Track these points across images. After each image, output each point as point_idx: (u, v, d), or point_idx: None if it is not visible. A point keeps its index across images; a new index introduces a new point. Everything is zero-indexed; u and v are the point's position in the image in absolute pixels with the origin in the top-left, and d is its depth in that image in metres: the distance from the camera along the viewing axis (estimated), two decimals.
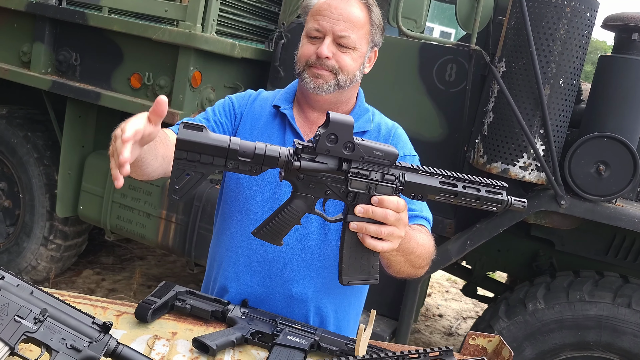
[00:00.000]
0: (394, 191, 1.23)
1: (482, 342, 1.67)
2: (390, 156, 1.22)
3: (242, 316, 1.54)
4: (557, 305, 2.77)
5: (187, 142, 1.13)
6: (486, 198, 1.24)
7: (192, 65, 3.27)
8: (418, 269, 1.52)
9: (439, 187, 1.24)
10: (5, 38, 3.92)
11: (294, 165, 1.18)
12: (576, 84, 2.70)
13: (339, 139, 1.18)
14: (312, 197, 1.23)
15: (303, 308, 1.63)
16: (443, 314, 5.52)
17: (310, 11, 1.57)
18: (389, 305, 3.24)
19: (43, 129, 4.13)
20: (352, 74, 1.57)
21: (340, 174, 1.21)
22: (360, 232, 1.23)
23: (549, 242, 3.27)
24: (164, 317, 1.54)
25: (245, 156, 1.16)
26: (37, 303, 1.18)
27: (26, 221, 4.11)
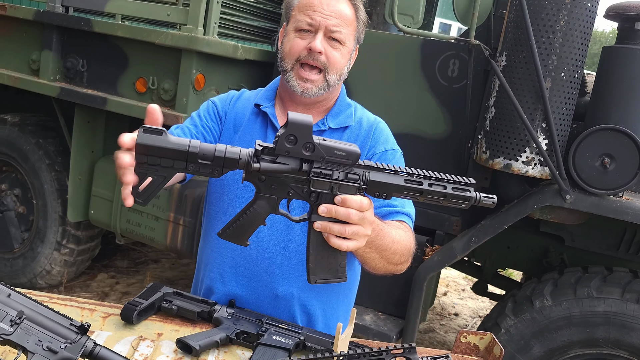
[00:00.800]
0: (357, 190, 1.22)
1: (473, 339, 1.65)
2: (352, 155, 1.20)
3: (229, 316, 1.54)
4: (565, 302, 2.72)
5: (147, 147, 1.14)
6: (453, 195, 1.23)
7: (194, 68, 3.29)
8: (396, 266, 1.50)
9: (403, 186, 1.22)
10: (15, 47, 3.99)
11: (253, 167, 1.17)
12: (579, 76, 2.65)
13: (299, 139, 1.17)
14: (275, 198, 1.24)
15: (289, 307, 1.62)
16: (459, 312, 5.46)
17: (296, 6, 1.57)
18: (396, 304, 3.21)
19: (54, 136, 4.19)
20: (340, 71, 1.58)
21: (302, 174, 1.20)
22: (324, 232, 1.23)
23: (559, 238, 3.21)
24: (150, 319, 1.54)
25: (205, 159, 1.17)
26: (14, 306, 1.19)
27: (40, 226, 4.17)
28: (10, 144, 4.18)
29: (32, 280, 4.25)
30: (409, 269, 3.09)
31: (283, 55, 1.57)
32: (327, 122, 1.62)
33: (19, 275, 4.28)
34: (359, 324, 3.13)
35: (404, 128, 3.19)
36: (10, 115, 4.27)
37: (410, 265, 3.14)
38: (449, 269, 6.21)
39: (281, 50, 1.59)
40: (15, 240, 4.31)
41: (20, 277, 4.28)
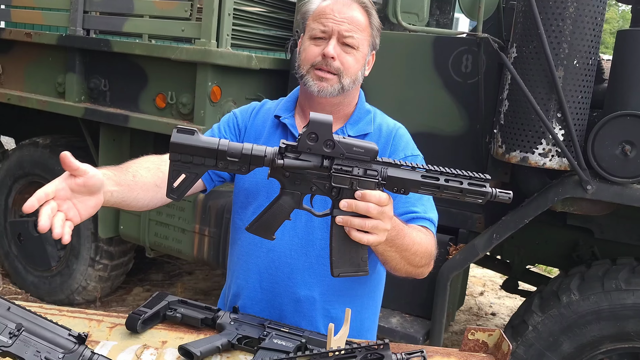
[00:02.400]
0: (376, 186, 1.26)
1: (482, 336, 1.62)
2: (370, 152, 1.25)
3: (232, 322, 1.55)
4: (593, 296, 2.64)
5: (180, 145, 1.23)
6: (469, 190, 1.25)
7: (210, 80, 3.34)
8: (417, 268, 1.52)
9: (420, 181, 1.26)
10: (43, 72, 4.14)
11: (277, 163, 1.24)
12: (593, 63, 2.58)
13: (319, 137, 1.23)
14: (299, 194, 1.30)
15: (311, 311, 1.64)
16: (496, 312, 5.36)
17: (311, 15, 1.60)
18: (422, 305, 3.18)
19: (83, 155, 4.31)
20: (354, 75, 1.59)
21: (323, 170, 1.26)
22: (346, 226, 1.27)
23: (588, 231, 3.12)
24: (156, 327, 1.57)
25: (233, 156, 1.25)
26: (13, 318, 1.23)
27: (74, 244, 4.29)
28: (43, 165, 4.33)
29: (69, 296, 4.38)
30: (434, 268, 3.08)
31: (299, 63, 1.60)
32: (347, 129, 1.63)
33: (57, 292, 4.41)
34: (385, 327, 3.11)
35: (419, 127, 3.16)
36: (41, 138, 4.42)
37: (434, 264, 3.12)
38: (485, 268, 6.13)
39: (298, 58, 1.62)
40: (52, 259, 4.44)
41: (59, 294, 4.41)
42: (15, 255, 4.59)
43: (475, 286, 5.94)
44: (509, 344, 1.54)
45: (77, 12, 3.83)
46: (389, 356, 1.01)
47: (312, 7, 1.60)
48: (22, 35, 4.11)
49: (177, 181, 1.27)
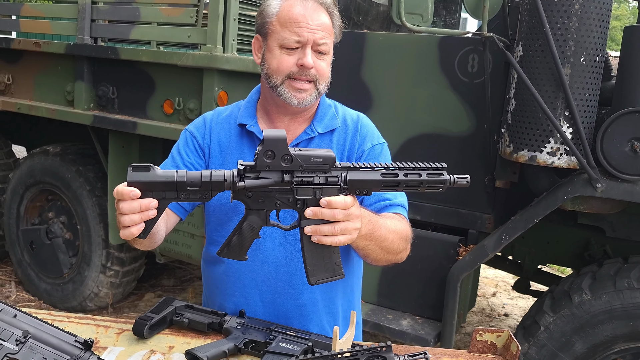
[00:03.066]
0: (339, 191, 1.29)
1: (490, 337, 1.61)
2: (328, 160, 1.28)
3: (238, 326, 1.56)
4: (605, 295, 2.61)
5: (138, 184, 1.25)
6: (428, 181, 1.29)
7: (216, 85, 3.35)
8: (396, 255, 1.55)
9: (381, 180, 1.29)
10: (52, 80, 4.17)
11: (238, 185, 1.25)
12: (600, 60, 2.56)
13: (276, 154, 1.25)
14: (265, 211, 1.32)
15: (316, 312, 1.65)
16: (509, 313, 5.32)
17: (276, 20, 1.54)
18: (433, 307, 3.16)
19: (93, 162, 4.34)
20: (327, 79, 1.60)
21: (285, 184, 1.28)
22: (315, 235, 1.29)
23: (599, 230, 3.09)
24: (163, 332, 1.58)
25: (193, 185, 1.26)
26: (19, 325, 1.24)
27: (85, 251, 4.32)
28: (54, 173, 4.36)
29: (82, 303, 4.40)
30: (443, 269, 3.06)
31: (270, 72, 1.55)
32: (315, 128, 1.63)
33: (69, 299, 4.44)
34: (396, 329, 3.10)
35: (427, 128, 3.16)
36: (52, 146, 4.45)
37: (444, 266, 3.11)
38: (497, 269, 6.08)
39: (265, 65, 1.57)
40: (64, 266, 4.47)
41: (71, 301, 4.44)
42: (28, 263, 4.63)
43: (487, 287, 5.90)
44: (517, 344, 1.52)
45: (84, 21, 3.86)
46: (391, 358, 1.01)
47: (274, 10, 1.55)
48: (31, 44, 4.15)
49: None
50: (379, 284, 3.30)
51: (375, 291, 3.30)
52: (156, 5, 3.68)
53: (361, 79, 3.24)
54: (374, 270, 3.27)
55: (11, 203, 4.65)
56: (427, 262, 3.17)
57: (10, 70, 4.40)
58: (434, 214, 3.22)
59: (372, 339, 4.35)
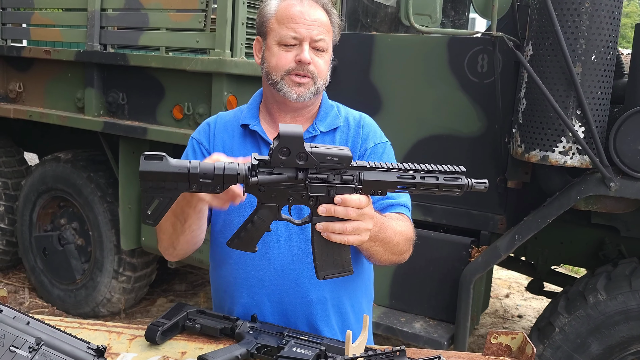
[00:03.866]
0: (353, 191, 1.27)
1: (505, 340, 1.59)
2: (344, 159, 1.25)
3: (250, 331, 1.55)
4: (620, 295, 2.58)
5: (150, 173, 1.22)
6: (445, 185, 1.26)
7: (225, 90, 3.36)
8: (400, 256, 1.55)
9: (397, 181, 1.27)
10: (62, 88, 4.20)
11: (251, 180, 1.23)
12: (612, 58, 2.53)
13: (292, 150, 1.22)
14: (277, 206, 1.29)
15: (324, 310, 1.64)
16: (523, 314, 5.28)
17: (274, 19, 1.56)
18: (446, 309, 3.14)
19: (104, 169, 4.36)
20: (326, 77, 1.61)
21: (299, 182, 1.25)
22: (326, 232, 1.28)
23: (613, 229, 3.06)
24: (175, 338, 1.57)
25: (206, 177, 1.24)
26: (32, 333, 1.23)
27: (97, 257, 4.34)
28: (65, 180, 4.38)
29: (94, 309, 4.42)
30: (456, 271, 3.04)
31: (269, 70, 1.57)
32: (317, 126, 1.64)
33: (82, 305, 4.46)
34: (409, 332, 3.08)
35: (437, 130, 3.14)
36: (63, 153, 4.48)
37: (457, 268, 3.08)
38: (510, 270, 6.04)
39: (265, 64, 1.59)
40: (76, 272, 4.49)
41: (84, 307, 4.45)
42: (40, 270, 4.65)
43: (500, 288, 5.86)
44: (532, 347, 1.50)
45: (93, 28, 3.88)
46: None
47: (272, 9, 1.57)
48: (41, 52, 4.18)
49: (151, 207, 1.27)
50: (392, 287, 3.28)
51: (388, 294, 3.29)
52: (164, 11, 3.69)
53: (370, 82, 3.24)
54: (386, 272, 3.26)
55: (24, 210, 4.68)
56: (440, 264, 3.16)
57: (21, 79, 4.44)
58: (445, 216, 3.20)
59: (385, 342, 4.34)
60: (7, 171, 5.03)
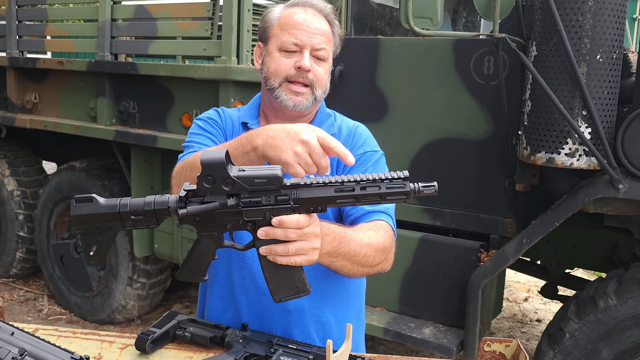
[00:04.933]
0: (290, 210, 1.20)
1: (498, 347, 1.56)
2: (273, 180, 1.18)
3: (240, 339, 1.54)
4: (631, 300, 2.51)
5: (81, 217, 1.23)
6: (389, 194, 1.18)
7: (232, 97, 3.38)
8: (373, 267, 1.47)
9: (335, 196, 1.19)
10: (75, 97, 4.28)
11: (180, 213, 1.20)
12: (618, 57, 2.48)
13: (216, 178, 1.17)
14: (216, 234, 1.25)
15: (302, 320, 1.62)
16: (542, 318, 5.19)
17: (276, 25, 1.58)
18: (455, 314, 3.10)
19: (118, 177, 4.42)
20: (325, 86, 1.61)
21: (232, 207, 1.20)
22: (270, 255, 1.23)
23: (627, 231, 2.99)
24: (166, 347, 1.57)
25: (138, 214, 1.23)
26: (16, 343, 1.24)
27: (112, 264, 4.39)
28: (80, 188, 4.45)
29: (110, 315, 4.47)
30: (465, 276, 2.99)
31: (268, 75, 1.58)
32: None
33: (98, 312, 4.51)
34: (418, 338, 3.04)
35: (444, 133, 3.11)
36: (78, 162, 4.55)
37: (466, 272, 3.04)
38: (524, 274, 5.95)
39: (264, 69, 1.60)
40: (92, 279, 4.55)
41: (100, 314, 4.51)
42: (58, 277, 4.73)
43: (519, 292, 5.77)
44: (525, 355, 1.47)
45: (104, 38, 3.94)
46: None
47: (275, 16, 1.59)
48: (55, 63, 4.26)
49: (92, 249, 1.27)
50: (400, 293, 3.25)
51: (397, 299, 3.26)
52: (173, 20, 3.73)
53: (376, 85, 3.22)
54: (395, 278, 3.23)
55: (41, 218, 4.77)
56: (449, 269, 3.12)
57: (37, 89, 4.53)
58: (454, 220, 3.16)
59: (399, 347, 4.30)
60: (25, 180, 5.13)
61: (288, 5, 1.59)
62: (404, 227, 3.19)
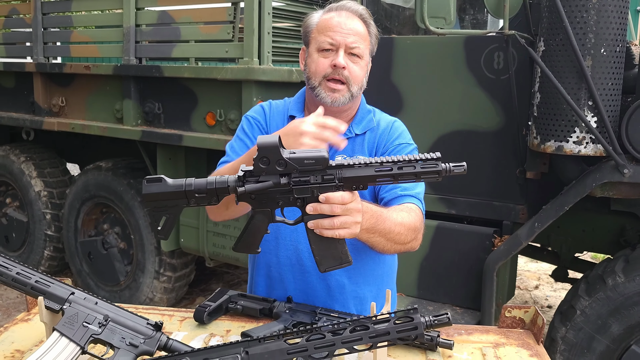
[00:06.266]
0: (335, 188, 1.36)
1: (518, 313, 1.74)
2: (320, 161, 1.34)
3: (286, 310, 1.73)
4: (638, 277, 2.68)
5: (151, 195, 1.39)
6: (423, 172, 1.32)
7: (254, 96, 3.56)
8: (405, 245, 1.64)
9: (375, 175, 1.34)
10: (102, 100, 4.46)
11: (239, 190, 1.36)
12: (621, 50, 2.65)
13: (270, 159, 1.34)
14: (269, 210, 1.41)
15: (342, 296, 1.80)
16: (553, 305, 5.35)
17: (315, 29, 1.75)
18: (472, 297, 3.27)
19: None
20: (361, 82, 1.76)
21: (284, 186, 1.36)
22: (317, 228, 1.38)
23: (633, 215, 3.16)
24: (220, 319, 1.76)
25: (201, 193, 1.38)
26: (101, 311, 1.44)
27: (139, 259, 4.59)
28: (107, 187, 4.65)
29: None
30: (480, 260, 3.16)
31: (310, 75, 1.75)
32: (353, 129, 1.80)
33: None
34: None
35: (457, 126, 3.28)
36: (104, 162, 4.75)
37: (481, 257, 3.21)
38: (539, 262, 6.11)
39: (307, 70, 1.77)
40: (120, 274, 4.75)
41: None
42: (87, 273, 4.93)
43: (530, 280, 5.94)
44: (543, 319, 1.65)
45: (129, 43, 4.13)
46: (418, 319, 1.16)
47: (315, 21, 1.76)
48: (81, 68, 4.45)
49: (160, 224, 1.43)
50: (419, 278, 3.43)
51: (415, 284, 3.44)
52: (195, 24, 3.91)
53: (392, 82, 3.40)
54: (413, 263, 3.41)
55: (69, 217, 4.97)
56: (465, 254, 3.29)
57: (63, 93, 4.72)
58: (468, 208, 3.34)
59: None
60: (52, 181, 5.33)
61: (325, 11, 1.77)
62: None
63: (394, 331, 1.14)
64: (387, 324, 1.14)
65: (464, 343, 1.64)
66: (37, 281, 1.49)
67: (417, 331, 1.14)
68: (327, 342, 1.11)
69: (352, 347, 1.11)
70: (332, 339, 1.11)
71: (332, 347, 1.10)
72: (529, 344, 1.64)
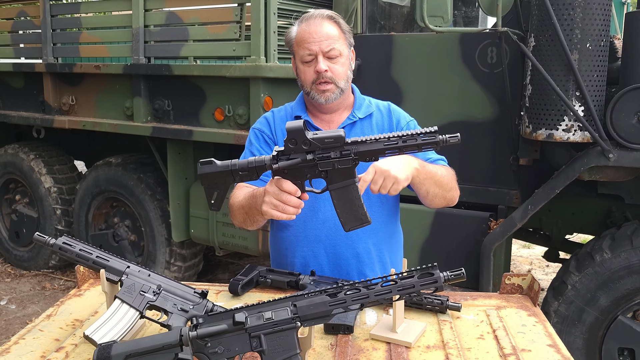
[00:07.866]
0: (352, 161, 1.62)
1: (517, 280, 1.96)
2: (338, 139, 1.61)
3: (311, 282, 1.94)
4: (623, 253, 2.92)
5: (205, 175, 1.69)
6: (424, 144, 1.56)
7: (262, 92, 3.76)
8: (449, 191, 1.91)
9: (384, 148, 1.60)
10: (112, 98, 4.64)
11: (274, 167, 1.64)
12: (605, 44, 2.88)
13: (297, 141, 1.61)
14: (300, 182, 1.68)
15: (370, 259, 2.03)
16: (544, 287, 5.59)
17: (295, 43, 1.96)
18: (470, 278, 3.49)
19: (152, 170, 4.80)
20: (345, 76, 1.97)
21: (310, 161, 1.63)
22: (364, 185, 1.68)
23: (619, 198, 3.39)
24: (252, 291, 1.97)
25: (243, 171, 1.66)
26: (154, 281, 1.65)
27: (150, 250, 4.78)
28: (117, 182, 4.84)
29: None
30: (477, 243, 3.38)
31: (302, 83, 1.98)
32: (356, 114, 2.03)
33: None
34: None
35: (454, 117, 3.50)
36: (114, 158, 4.93)
37: (478, 240, 3.43)
38: (532, 247, 6.36)
39: (299, 79, 2.00)
40: None
41: None
42: None
43: (522, 265, 6.19)
44: (539, 284, 1.88)
45: (138, 43, 4.31)
46: (437, 274, 1.38)
47: (293, 35, 1.97)
48: (91, 68, 4.63)
49: (212, 198, 1.71)
50: (420, 261, 3.65)
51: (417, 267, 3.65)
52: (202, 24, 4.10)
53: (391, 77, 3.61)
54: (414, 248, 3.63)
55: (80, 212, 5.15)
56: (463, 237, 3.52)
57: (72, 92, 4.89)
58: (465, 194, 3.52)
59: None
60: (61, 178, 5.51)
61: (299, 22, 1.96)
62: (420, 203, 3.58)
63: (418, 284, 1.36)
64: (412, 279, 1.35)
65: (470, 307, 1.87)
66: (97, 256, 1.69)
67: (437, 284, 1.36)
68: (362, 295, 1.32)
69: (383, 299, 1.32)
70: (366, 292, 1.32)
71: (367, 299, 1.31)
72: (527, 306, 1.86)
